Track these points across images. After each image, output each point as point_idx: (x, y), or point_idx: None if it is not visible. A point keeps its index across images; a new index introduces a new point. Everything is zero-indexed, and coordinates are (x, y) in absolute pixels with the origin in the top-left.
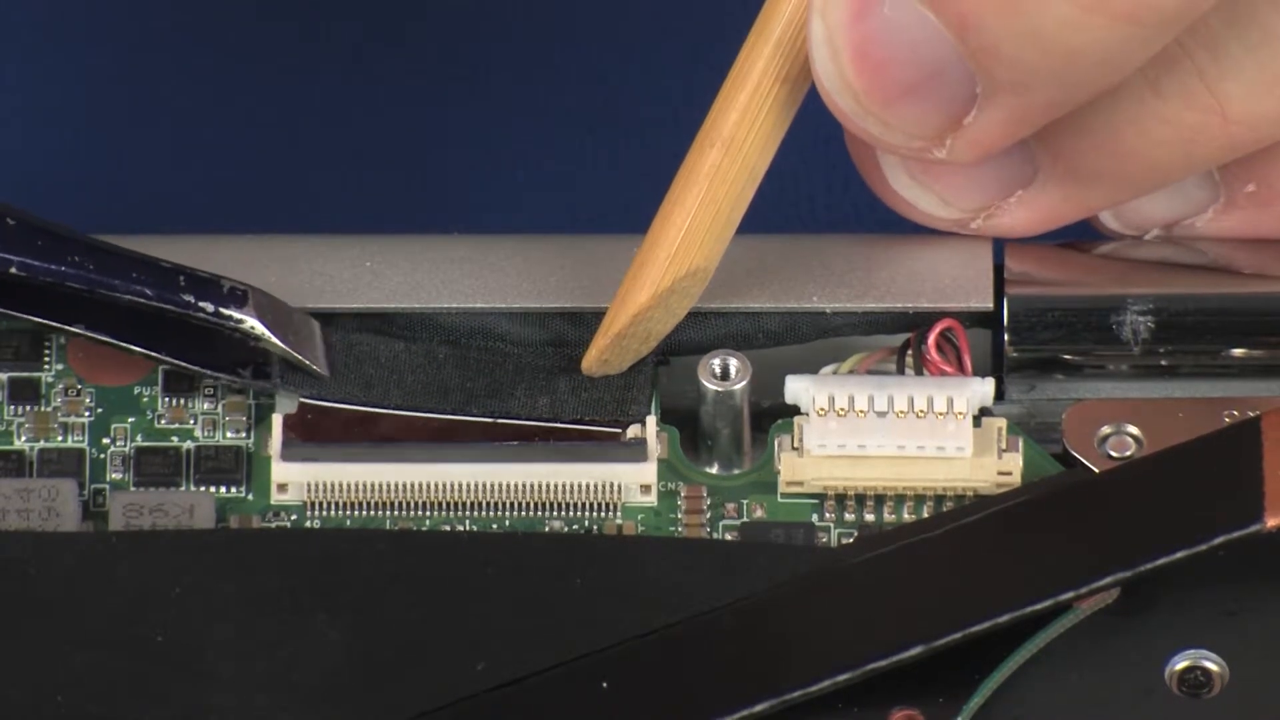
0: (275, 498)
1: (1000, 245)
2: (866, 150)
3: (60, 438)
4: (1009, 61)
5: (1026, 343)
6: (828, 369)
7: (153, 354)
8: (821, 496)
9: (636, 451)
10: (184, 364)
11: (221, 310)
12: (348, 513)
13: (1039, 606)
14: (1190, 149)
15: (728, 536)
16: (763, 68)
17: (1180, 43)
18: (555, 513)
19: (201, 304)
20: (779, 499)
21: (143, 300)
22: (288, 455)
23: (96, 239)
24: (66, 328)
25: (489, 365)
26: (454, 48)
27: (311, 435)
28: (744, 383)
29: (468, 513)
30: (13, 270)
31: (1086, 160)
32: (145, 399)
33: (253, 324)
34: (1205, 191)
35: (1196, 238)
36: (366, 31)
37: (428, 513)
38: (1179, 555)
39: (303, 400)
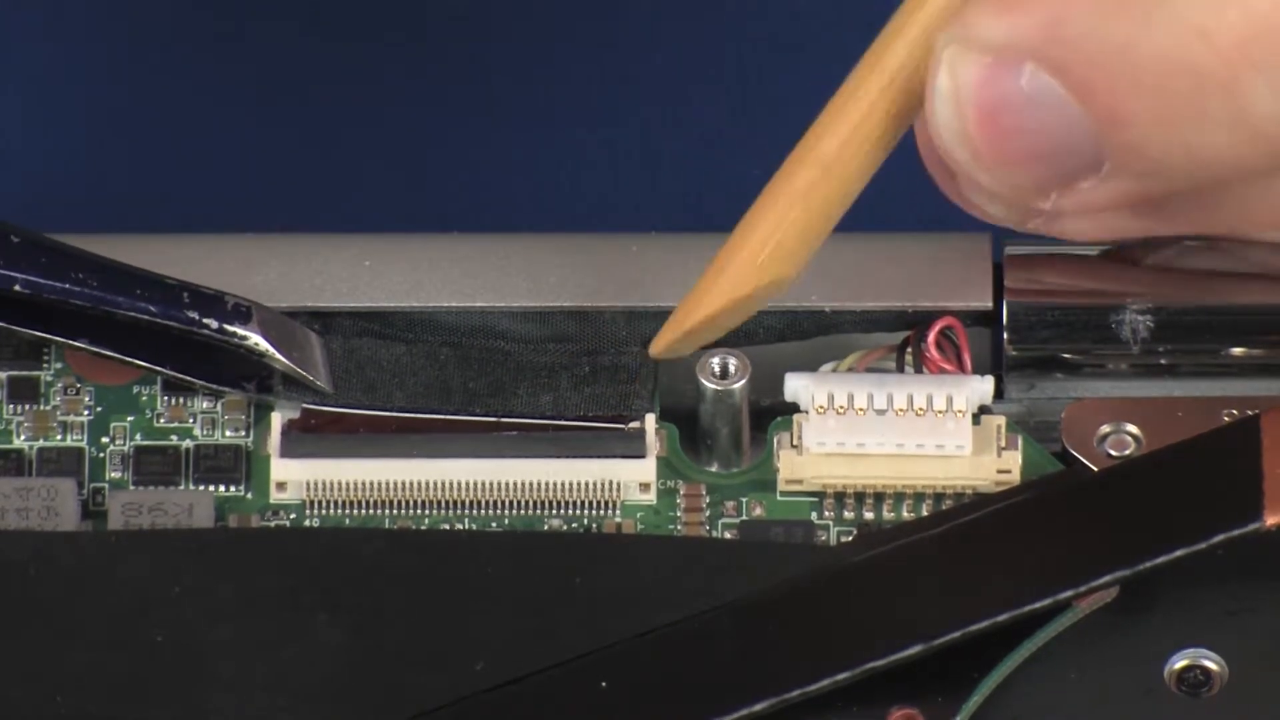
0: (274, 496)
1: (1000, 244)
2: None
3: (59, 437)
4: (1150, 160)
5: (1026, 341)
6: (827, 367)
7: (157, 368)
8: (821, 495)
9: (636, 449)
10: (188, 378)
11: (225, 327)
12: (347, 511)
13: (1038, 605)
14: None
15: (727, 535)
16: (873, 100)
17: None
18: (554, 511)
19: (205, 320)
20: (778, 497)
21: (146, 317)
22: (287, 454)
23: (100, 256)
24: (70, 342)
25: (490, 364)
26: (454, 47)
27: (310, 427)
28: (743, 381)
29: (467, 511)
30: (16, 288)
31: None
32: (144, 398)
33: (256, 340)
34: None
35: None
36: (366, 31)
37: (426, 511)
38: (1178, 554)
39: (306, 406)
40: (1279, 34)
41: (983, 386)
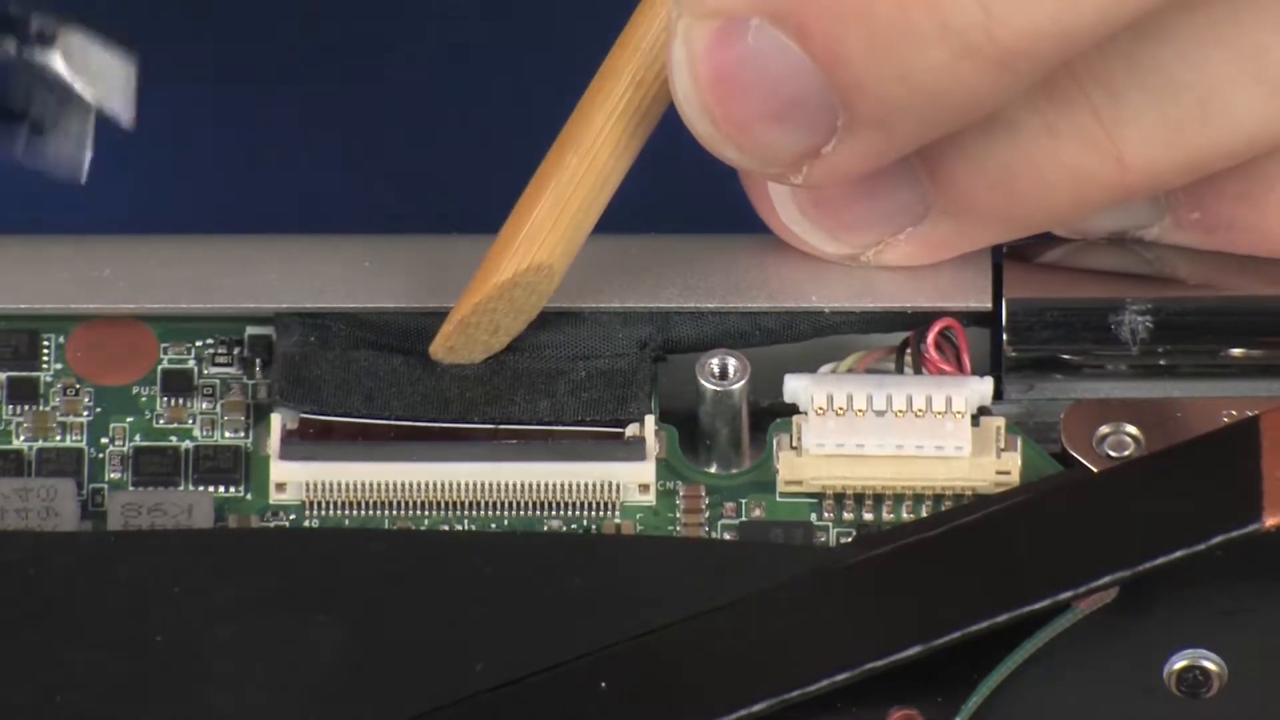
0: (274, 497)
1: (999, 245)
2: (757, 182)
3: (59, 437)
4: (876, 99)
5: (1025, 342)
6: (826, 368)
7: None
8: (820, 496)
9: (635, 451)
10: None
11: (25, 48)
12: (346, 512)
13: (1037, 606)
14: (1083, 193)
15: (726, 536)
16: (623, 88)
17: (1078, 83)
18: (554, 512)
19: (2, 42)
20: (778, 498)
21: None
22: (286, 455)
23: None
24: None
25: (486, 372)
26: (454, 47)
27: (309, 435)
28: (742, 382)
29: (466, 512)
30: None
31: (979, 199)
32: (144, 399)
33: (58, 67)
34: (1150, 209)
35: (1152, 245)
36: (367, 31)
37: (426, 512)
38: (1177, 555)
39: (304, 416)
40: None
41: (982, 387)
